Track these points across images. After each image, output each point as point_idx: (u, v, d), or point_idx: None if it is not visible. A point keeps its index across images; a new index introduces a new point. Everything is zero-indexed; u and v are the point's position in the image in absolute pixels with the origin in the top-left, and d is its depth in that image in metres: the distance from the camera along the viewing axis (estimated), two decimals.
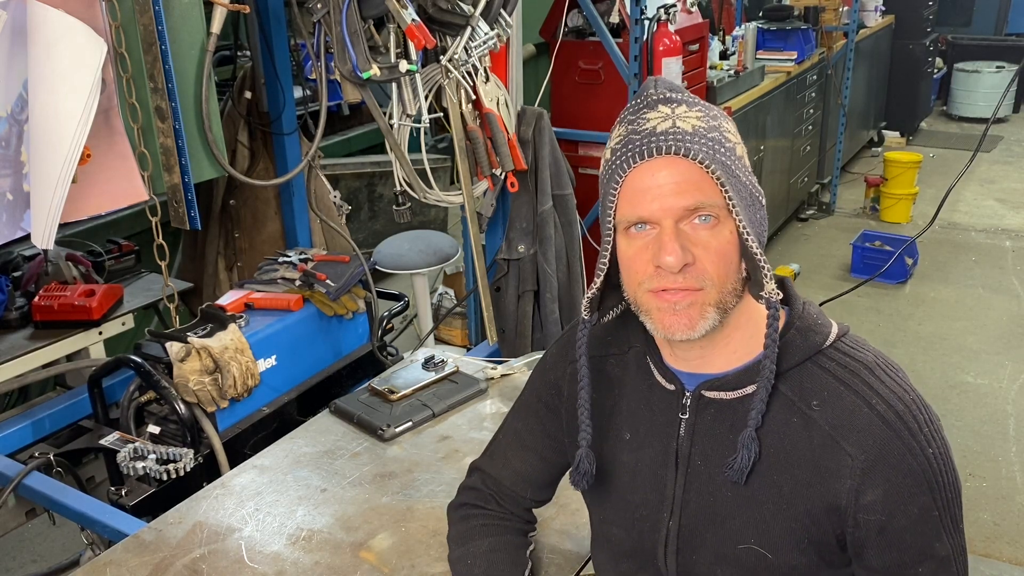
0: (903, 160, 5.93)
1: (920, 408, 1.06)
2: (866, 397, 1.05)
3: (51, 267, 2.52)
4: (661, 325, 1.07)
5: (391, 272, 3.47)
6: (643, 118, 1.06)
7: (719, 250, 1.04)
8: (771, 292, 1.05)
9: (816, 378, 1.08)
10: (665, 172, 1.03)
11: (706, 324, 1.05)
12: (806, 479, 1.07)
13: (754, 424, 1.07)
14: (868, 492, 1.04)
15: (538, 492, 1.40)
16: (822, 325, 1.12)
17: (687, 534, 1.16)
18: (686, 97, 1.08)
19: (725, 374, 1.13)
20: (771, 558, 1.10)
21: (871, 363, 1.08)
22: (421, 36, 2.04)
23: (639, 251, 1.06)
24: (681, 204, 1.02)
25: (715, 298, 1.05)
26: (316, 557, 1.52)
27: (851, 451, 1.04)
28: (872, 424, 1.04)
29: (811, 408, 1.07)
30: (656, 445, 1.18)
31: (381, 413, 1.94)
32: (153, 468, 1.87)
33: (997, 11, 9.07)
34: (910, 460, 1.03)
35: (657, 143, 1.03)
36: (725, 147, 1.05)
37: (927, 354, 4.27)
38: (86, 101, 1.89)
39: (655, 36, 3.43)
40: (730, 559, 1.13)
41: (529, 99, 2.83)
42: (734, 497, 1.12)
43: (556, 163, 2.77)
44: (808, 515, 1.08)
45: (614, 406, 1.24)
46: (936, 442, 1.05)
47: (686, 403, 1.15)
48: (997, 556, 2.93)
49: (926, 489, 1.04)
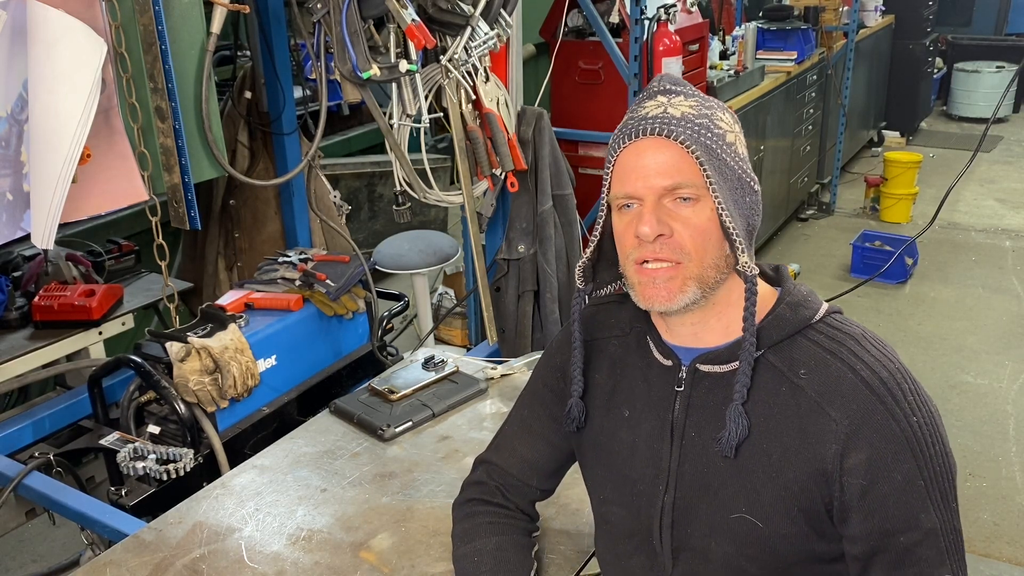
0: (903, 160, 5.93)
1: (906, 378, 1.09)
2: (851, 364, 1.09)
3: (51, 267, 2.52)
4: (643, 296, 1.14)
5: (391, 272, 3.47)
6: (641, 107, 1.15)
7: (698, 226, 1.10)
8: (745, 265, 1.11)
9: (804, 349, 1.12)
10: (649, 153, 1.11)
11: (685, 297, 1.12)
12: (794, 446, 1.09)
13: (740, 398, 1.11)
14: (851, 456, 1.06)
15: (544, 481, 1.42)
16: (812, 302, 1.16)
17: (682, 506, 1.18)
18: (685, 90, 1.16)
19: (717, 348, 1.17)
20: (762, 527, 1.12)
21: (858, 335, 1.13)
22: (421, 36, 2.04)
23: (627, 226, 1.13)
24: (661, 183, 1.10)
25: (695, 272, 1.11)
26: (316, 557, 1.52)
27: (835, 416, 1.07)
28: (856, 389, 1.07)
29: (799, 377, 1.11)
30: (653, 420, 1.22)
31: (381, 413, 1.94)
32: (153, 468, 1.87)
33: (997, 11, 9.07)
34: (893, 425, 1.05)
35: (644, 126, 1.11)
36: (713, 133, 1.12)
37: (927, 354, 4.27)
38: (86, 101, 1.89)
39: (655, 36, 3.43)
40: (723, 529, 1.15)
41: (529, 99, 2.83)
42: (726, 467, 1.14)
43: (556, 163, 2.77)
44: (796, 482, 1.10)
45: (615, 385, 1.28)
46: (922, 412, 1.07)
47: (682, 376, 1.19)
48: (997, 556, 2.93)
49: (910, 456, 1.05)
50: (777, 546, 1.13)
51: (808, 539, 1.12)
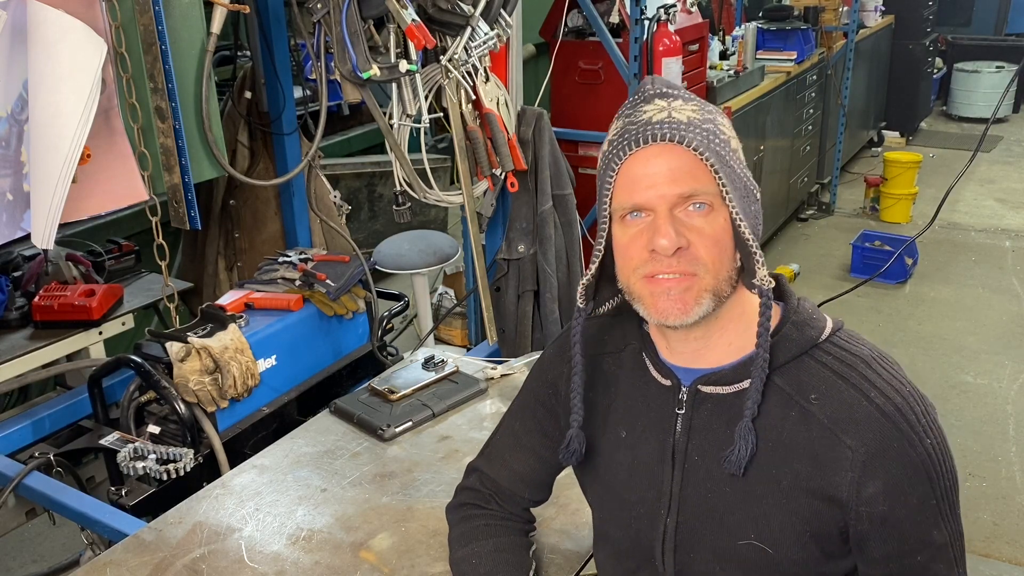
0: (903, 160, 5.93)
1: (917, 400, 1.07)
2: (864, 390, 1.06)
3: (51, 267, 2.52)
4: (655, 310, 1.08)
5: (391, 272, 3.47)
6: (640, 111, 1.09)
7: (713, 236, 1.05)
8: (763, 280, 1.07)
9: (812, 372, 1.09)
10: (660, 160, 1.05)
11: (700, 310, 1.07)
12: (805, 472, 1.07)
13: (750, 415, 1.08)
14: (869, 484, 1.04)
15: (536, 492, 1.41)
16: (817, 320, 1.13)
17: (685, 531, 1.16)
18: (682, 93, 1.11)
19: (721, 368, 1.13)
20: (772, 553, 1.10)
21: (867, 357, 1.10)
22: (421, 36, 2.04)
23: (634, 238, 1.08)
24: (675, 191, 1.04)
25: (710, 284, 1.06)
26: (316, 557, 1.52)
27: (851, 444, 1.05)
28: (871, 417, 1.05)
29: (809, 402, 1.08)
30: (652, 442, 1.18)
31: (381, 413, 1.94)
32: (153, 468, 1.87)
33: (997, 11, 9.07)
34: (909, 452, 1.04)
35: (652, 131, 1.05)
36: (720, 138, 1.07)
37: (927, 354, 4.27)
38: (86, 101, 1.89)
39: (655, 36, 3.43)
40: (730, 556, 1.13)
41: (529, 99, 2.83)
42: (733, 492, 1.12)
43: (556, 163, 2.77)
44: (808, 508, 1.08)
45: (610, 404, 1.24)
46: (933, 433, 1.06)
47: (682, 398, 1.16)
48: (997, 556, 2.93)
49: (925, 479, 1.05)
50: (788, 571, 1.11)
51: (819, 562, 1.11)
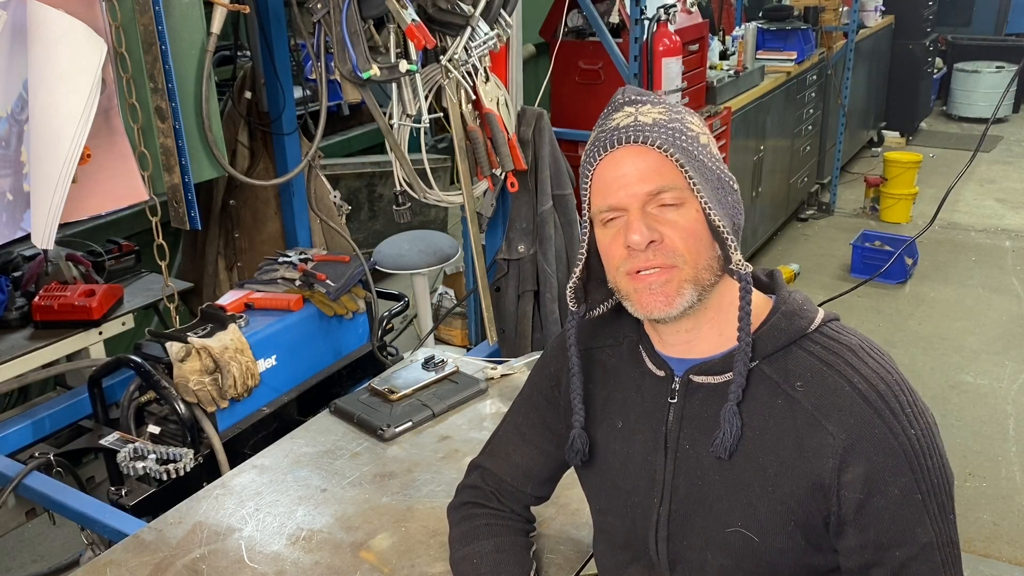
0: (903, 160, 5.93)
1: (904, 390, 1.07)
2: (848, 376, 1.07)
3: (51, 267, 2.52)
4: (640, 305, 1.12)
5: (391, 272, 3.47)
6: (610, 119, 1.15)
7: (687, 228, 1.09)
8: (739, 263, 1.10)
9: (800, 360, 1.11)
10: (627, 161, 1.10)
11: (683, 300, 1.10)
12: (790, 460, 1.08)
13: (735, 398, 1.10)
14: (849, 470, 1.05)
15: (538, 488, 1.41)
16: (807, 311, 1.15)
17: (677, 519, 1.17)
18: (651, 98, 1.16)
19: (712, 358, 1.16)
20: (758, 541, 1.11)
21: (855, 345, 1.11)
22: (421, 36, 2.04)
23: (614, 238, 1.12)
24: (644, 189, 1.09)
25: (690, 274, 1.10)
26: (316, 557, 1.52)
27: (833, 430, 1.06)
28: (854, 403, 1.05)
29: (795, 389, 1.09)
30: (646, 431, 1.21)
31: (381, 413, 1.94)
32: (153, 468, 1.87)
33: (997, 11, 9.07)
34: (890, 439, 1.04)
35: (619, 135, 1.11)
36: (687, 135, 1.11)
37: (927, 354, 4.27)
38: (86, 101, 1.89)
39: (655, 36, 3.43)
40: (719, 543, 1.14)
41: (529, 99, 2.83)
42: (721, 480, 1.13)
43: (556, 163, 2.77)
44: (793, 496, 1.08)
45: (608, 396, 1.27)
46: (919, 424, 1.06)
47: (675, 388, 1.18)
48: (997, 556, 2.93)
49: (907, 469, 1.04)
50: (774, 560, 1.12)
51: (805, 553, 1.11)
